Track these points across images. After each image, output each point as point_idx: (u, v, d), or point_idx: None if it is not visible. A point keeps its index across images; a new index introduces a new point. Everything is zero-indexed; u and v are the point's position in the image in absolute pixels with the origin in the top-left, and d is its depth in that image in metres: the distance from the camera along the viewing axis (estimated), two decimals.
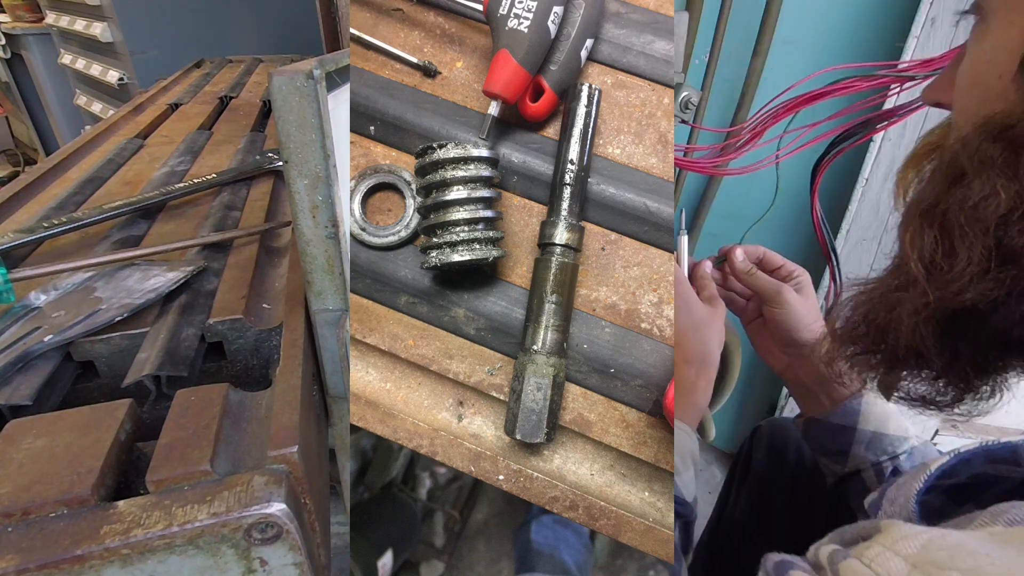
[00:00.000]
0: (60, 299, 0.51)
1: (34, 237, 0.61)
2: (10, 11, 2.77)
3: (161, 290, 0.52)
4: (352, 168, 0.56)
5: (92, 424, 0.36)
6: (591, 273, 0.54)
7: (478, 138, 0.53)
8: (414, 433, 0.53)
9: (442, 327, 0.55)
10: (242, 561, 0.33)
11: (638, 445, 0.53)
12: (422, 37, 0.57)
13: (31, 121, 2.94)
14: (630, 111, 0.55)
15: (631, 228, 0.54)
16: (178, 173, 0.87)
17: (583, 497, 0.51)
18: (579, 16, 0.52)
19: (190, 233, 0.67)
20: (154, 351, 0.45)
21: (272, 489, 0.33)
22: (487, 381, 0.54)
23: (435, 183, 0.49)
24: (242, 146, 1.00)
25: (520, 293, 0.54)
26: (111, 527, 0.31)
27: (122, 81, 1.95)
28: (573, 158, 0.51)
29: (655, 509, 0.52)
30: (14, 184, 0.80)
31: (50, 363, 0.45)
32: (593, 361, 0.53)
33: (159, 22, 1.97)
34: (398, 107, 0.55)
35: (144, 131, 1.10)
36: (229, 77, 1.61)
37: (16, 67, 2.81)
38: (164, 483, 0.33)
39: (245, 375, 0.51)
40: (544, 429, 0.49)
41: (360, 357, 0.55)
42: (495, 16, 0.50)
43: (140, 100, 1.36)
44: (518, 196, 0.55)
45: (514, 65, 0.49)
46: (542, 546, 1.09)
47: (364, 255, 0.55)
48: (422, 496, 1.32)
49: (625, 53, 0.55)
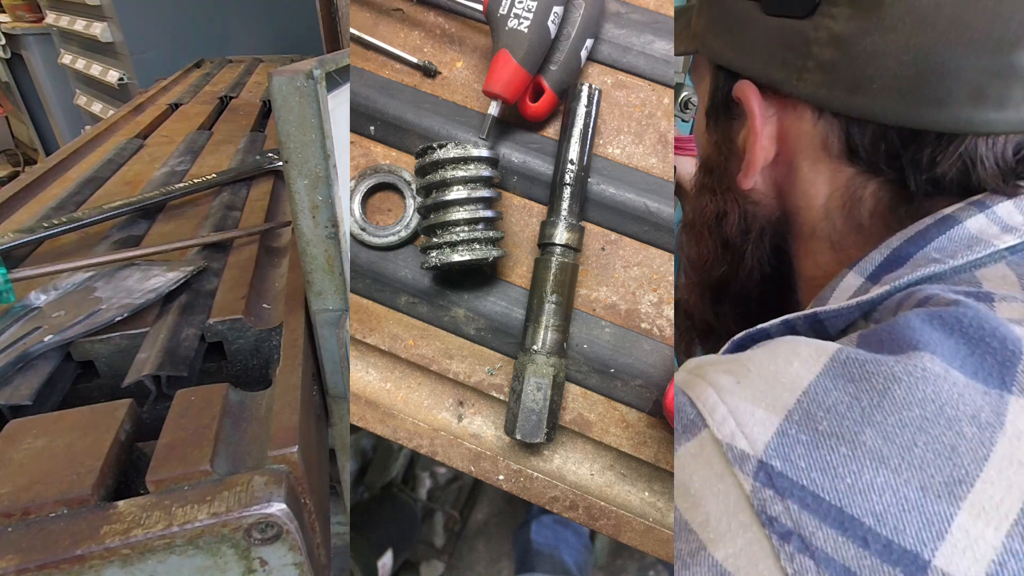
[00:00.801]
0: (60, 299, 0.51)
1: (34, 237, 0.61)
2: (10, 11, 2.77)
3: (161, 290, 0.52)
4: (352, 168, 0.56)
5: (92, 424, 0.36)
6: (591, 273, 0.54)
7: (478, 138, 0.53)
8: (414, 433, 0.53)
9: (442, 327, 0.55)
10: (242, 561, 0.33)
11: (638, 445, 0.53)
12: (422, 37, 0.57)
13: (31, 121, 2.94)
14: (630, 111, 0.55)
15: (631, 228, 0.54)
16: (178, 173, 0.87)
17: (583, 497, 0.51)
18: (579, 16, 0.52)
19: (190, 233, 0.67)
20: (154, 351, 0.45)
21: (272, 489, 0.33)
22: (487, 381, 0.54)
23: (435, 183, 0.49)
24: (242, 146, 1.00)
25: (520, 293, 0.54)
26: (111, 527, 0.31)
27: (122, 81, 1.96)
28: (573, 158, 0.51)
29: (655, 509, 0.52)
30: (14, 184, 0.80)
31: (50, 363, 0.45)
32: (593, 361, 0.53)
33: (159, 22, 1.97)
34: (398, 107, 0.55)
35: (144, 131, 1.10)
36: (229, 77, 1.61)
37: (16, 67, 2.82)
38: (164, 483, 0.33)
39: (245, 375, 0.51)
40: (544, 429, 0.49)
41: (360, 357, 0.55)
42: (495, 16, 0.50)
43: (140, 100, 1.36)
44: (518, 196, 0.55)
45: (514, 65, 0.49)
46: (542, 546, 1.09)
47: (364, 255, 0.55)
48: (422, 496, 1.32)
49: (625, 53, 0.55)
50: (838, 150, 0.36)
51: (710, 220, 0.44)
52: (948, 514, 0.22)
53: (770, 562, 0.24)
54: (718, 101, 0.42)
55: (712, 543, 0.25)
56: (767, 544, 0.24)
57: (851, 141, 0.35)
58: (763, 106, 0.38)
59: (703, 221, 0.44)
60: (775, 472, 0.24)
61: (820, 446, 0.24)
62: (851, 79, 0.33)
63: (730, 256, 0.43)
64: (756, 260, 0.42)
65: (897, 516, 0.23)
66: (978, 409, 0.24)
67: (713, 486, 0.26)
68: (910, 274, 0.31)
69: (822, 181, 0.38)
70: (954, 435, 0.23)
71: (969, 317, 0.26)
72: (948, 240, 0.32)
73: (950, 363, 0.25)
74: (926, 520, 0.22)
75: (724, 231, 0.43)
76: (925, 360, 0.25)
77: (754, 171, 0.39)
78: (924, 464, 0.23)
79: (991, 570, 0.22)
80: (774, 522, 0.24)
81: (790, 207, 0.40)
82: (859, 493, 0.23)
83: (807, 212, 0.39)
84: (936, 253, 0.32)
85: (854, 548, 0.23)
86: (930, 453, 0.23)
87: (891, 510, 0.23)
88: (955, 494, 0.22)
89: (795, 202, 0.40)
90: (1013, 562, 0.22)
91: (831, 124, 0.36)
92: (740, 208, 0.42)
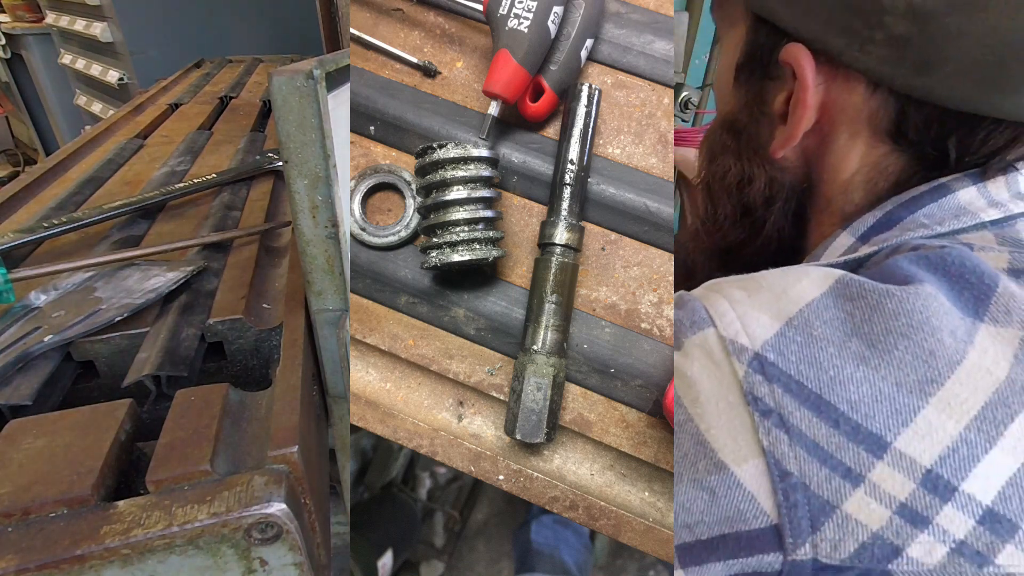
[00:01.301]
0: (60, 299, 0.51)
1: (34, 237, 0.61)
2: (10, 11, 2.77)
3: (161, 290, 0.52)
4: (352, 168, 0.56)
5: (92, 424, 0.36)
6: (591, 273, 0.54)
7: (478, 138, 0.53)
8: (414, 433, 0.53)
9: (442, 327, 0.55)
10: (242, 561, 0.33)
11: (638, 445, 0.53)
12: (422, 37, 0.57)
13: (31, 121, 2.94)
14: (630, 111, 0.55)
15: (631, 228, 0.54)
16: (178, 173, 0.87)
17: (583, 497, 0.51)
18: (579, 16, 0.52)
19: (190, 233, 0.67)
20: (154, 351, 0.45)
21: (272, 489, 0.33)
22: (487, 381, 0.54)
23: (435, 183, 0.49)
24: (242, 146, 1.00)
25: (520, 293, 0.54)
26: (111, 527, 0.31)
27: (122, 81, 1.95)
28: (573, 158, 0.51)
29: (655, 509, 0.52)
30: (14, 184, 0.80)
31: (50, 363, 0.45)
32: (593, 361, 0.53)
33: (159, 22, 1.97)
34: (398, 107, 0.55)
35: (144, 131, 1.10)
36: (229, 77, 1.61)
37: (16, 67, 2.82)
38: (164, 483, 0.33)
39: (245, 375, 0.51)
40: (544, 429, 0.49)
41: (360, 357, 0.55)
42: (495, 16, 0.50)
43: (140, 100, 1.36)
44: (518, 196, 0.55)
45: (514, 65, 0.49)
46: (542, 546, 1.09)
47: (364, 255, 0.55)
48: (422, 496, 1.32)
49: (625, 53, 0.55)
50: (884, 127, 0.34)
51: (731, 184, 0.42)
52: (916, 407, 0.25)
53: (748, 435, 0.27)
54: (756, 57, 0.38)
55: (699, 416, 0.28)
56: (748, 420, 0.27)
57: (903, 121, 0.34)
58: (815, 75, 0.35)
59: (723, 185, 0.42)
60: (767, 362, 0.27)
61: (812, 345, 0.27)
62: (922, 58, 0.31)
63: (749, 223, 0.42)
64: (776, 230, 0.41)
65: (869, 405, 0.25)
66: (956, 327, 0.26)
67: (710, 370, 0.29)
68: (898, 236, 0.32)
69: (855, 155, 0.36)
70: (935, 341, 0.26)
71: (953, 256, 0.28)
72: (938, 208, 0.33)
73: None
74: (895, 410, 0.25)
75: (747, 197, 0.41)
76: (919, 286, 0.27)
77: (793, 142, 0.37)
78: (903, 364, 0.26)
79: (944, 453, 0.25)
80: (758, 401, 0.27)
81: (814, 178, 0.39)
82: (839, 384, 0.26)
83: (829, 184, 0.38)
84: (925, 219, 0.33)
85: (825, 428, 0.26)
86: (908, 355, 0.26)
87: (865, 400, 0.25)
88: (926, 391, 0.25)
89: (820, 173, 0.38)
90: (964, 448, 0.25)
91: (885, 101, 0.34)
92: (767, 175, 0.40)
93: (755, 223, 0.42)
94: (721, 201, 0.43)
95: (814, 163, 0.39)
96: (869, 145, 0.36)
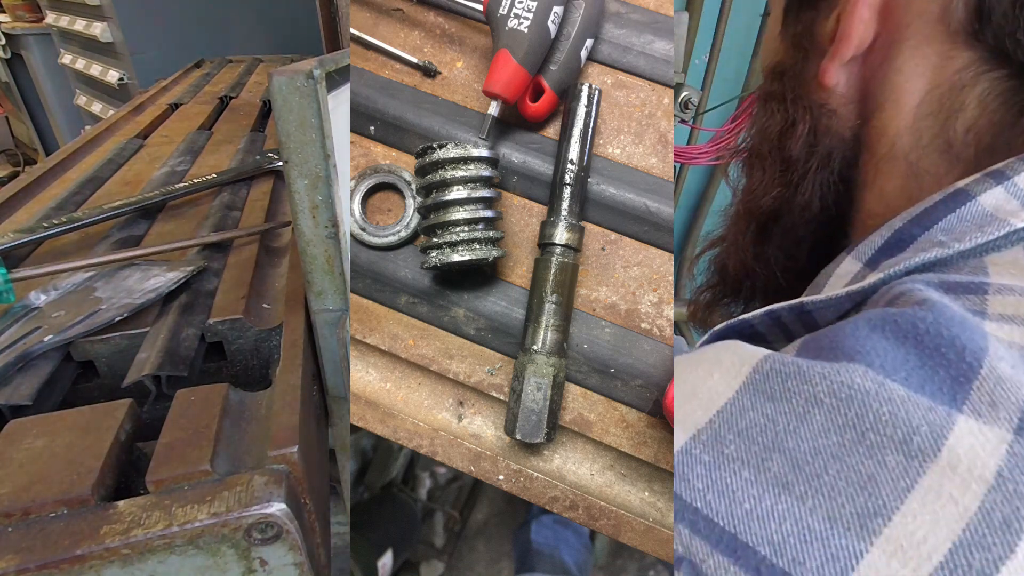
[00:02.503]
0: (60, 299, 0.51)
1: (34, 237, 0.61)
2: (10, 11, 2.77)
3: (161, 290, 0.52)
4: (352, 168, 0.56)
5: (92, 424, 0.36)
6: (591, 273, 0.54)
7: (478, 138, 0.53)
8: (414, 433, 0.53)
9: (442, 327, 0.55)
10: (242, 561, 0.33)
11: (638, 445, 0.53)
12: (422, 37, 0.57)
13: (31, 121, 2.94)
14: (630, 111, 0.55)
15: (631, 228, 0.54)
16: (178, 173, 0.87)
17: (583, 497, 0.51)
18: (579, 16, 0.52)
19: (190, 233, 0.67)
20: (154, 351, 0.45)
21: (272, 489, 0.33)
22: (487, 381, 0.54)
23: (435, 183, 0.49)
24: (242, 146, 1.00)
25: (520, 293, 0.54)
26: (111, 527, 0.31)
27: (122, 81, 1.95)
28: (573, 158, 0.51)
29: (655, 509, 0.52)
30: (14, 184, 0.80)
31: (50, 363, 0.45)
32: (593, 361, 0.53)
33: (159, 22, 1.97)
34: (398, 107, 0.56)
35: (144, 131, 1.10)
36: (229, 77, 1.61)
37: (16, 67, 2.81)
38: (164, 483, 0.33)
39: (245, 375, 0.51)
40: (544, 429, 0.49)
41: (360, 357, 0.55)
42: (495, 16, 0.50)
43: (140, 100, 1.36)
44: (518, 196, 0.55)
45: (514, 65, 0.49)
46: (542, 546, 1.09)
47: (364, 255, 0.55)
48: (422, 496, 1.32)
49: (625, 53, 0.55)
50: (960, 22, 0.29)
51: (773, 137, 0.38)
52: (857, 550, 0.19)
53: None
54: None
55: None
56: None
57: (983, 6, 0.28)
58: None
59: (766, 139, 0.39)
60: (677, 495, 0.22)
61: (722, 468, 0.22)
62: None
63: (788, 178, 0.38)
64: (817, 186, 0.37)
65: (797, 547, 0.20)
66: (912, 430, 0.20)
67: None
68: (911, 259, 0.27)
69: (923, 72, 0.31)
70: (874, 464, 0.20)
71: (928, 322, 0.22)
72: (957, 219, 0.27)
73: (891, 375, 0.21)
74: (830, 555, 0.19)
75: (788, 148, 0.37)
76: (856, 376, 0.21)
77: (847, 50, 0.33)
78: (834, 493, 0.20)
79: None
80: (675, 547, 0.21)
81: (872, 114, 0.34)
82: (756, 520, 0.21)
83: (892, 120, 0.33)
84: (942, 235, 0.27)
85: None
86: (842, 481, 0.20)
87: (790, 540, 0.20)
88: (867, 527, 0.19)
89: (881, 105, 0.33)
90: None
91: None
92: (811, 121, 0.36)
93: (794, 178, 0.37)
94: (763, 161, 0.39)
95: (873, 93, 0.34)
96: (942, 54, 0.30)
